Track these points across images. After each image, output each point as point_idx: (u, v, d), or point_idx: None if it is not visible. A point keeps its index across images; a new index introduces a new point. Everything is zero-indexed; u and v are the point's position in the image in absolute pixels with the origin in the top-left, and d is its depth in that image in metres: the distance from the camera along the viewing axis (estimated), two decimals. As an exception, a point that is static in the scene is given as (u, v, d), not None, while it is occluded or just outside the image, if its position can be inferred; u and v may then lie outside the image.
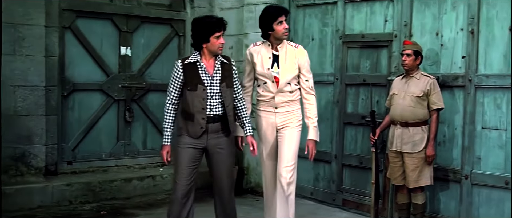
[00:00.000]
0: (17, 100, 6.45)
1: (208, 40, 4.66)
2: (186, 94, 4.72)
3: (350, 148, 6.66)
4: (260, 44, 5.28)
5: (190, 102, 4.70)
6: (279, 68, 5.17)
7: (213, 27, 4.66)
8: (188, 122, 4.74)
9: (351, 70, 6.61)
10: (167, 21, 7.90)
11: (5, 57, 6.30)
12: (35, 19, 6.53)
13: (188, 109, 4.72)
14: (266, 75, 5.17)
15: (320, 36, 6.92)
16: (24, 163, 6.54)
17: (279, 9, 5.23)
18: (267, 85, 5.19)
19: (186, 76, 4.70)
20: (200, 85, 4.69)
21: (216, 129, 4.79)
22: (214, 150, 4.82)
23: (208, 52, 4.74)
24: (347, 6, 6.59)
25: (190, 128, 4.73)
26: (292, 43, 5.34)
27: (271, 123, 5.26)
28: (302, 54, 5.24)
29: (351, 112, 6.62)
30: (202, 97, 4.70)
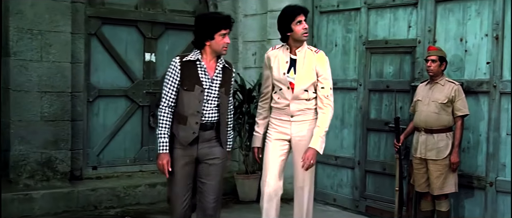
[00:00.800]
0: (43, 106, 6.53)
1: (213, 37, 4.25)
2: (181, 94, 4.27)
3: (373, 154, 6.64)
4: (279, 48, 4.92)
5: (186, 103, 4.26)
6: (295, 73, 4.78)
7: (220, 24, 4.26)
8: (179, 125, 4.29)
9: (375, 76, 6.60)
10: (191, 28, 7.75)
11: (32, 64, 6.43)
12: (61, 26, 6.61)
13: (181, 110, 4.28)
14: (282, 80, 4.78)
15: (343, 42, 6.92)
16: (50, 168, 6.61)
17: (297, 8, 4.80)
18: (283, 91, 4.80)
19: (183, 75, 4.25)
20: (198, 86, 4.26)
21: (208, 137, 4.36)
22: (206, 160, 4.37)
23: (211, 52, 4.31)
24: (371, 12, 6.58)
25: (181, 133, 4.28)
26: (313, 47, 4.95)
27: (285, 133, 4.84)
28: (322, 60, 4.82)
29: (375, 118, 6.61)
30: (198, 100, 4.27)
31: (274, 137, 4.89)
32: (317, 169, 7.20)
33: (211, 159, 4.38)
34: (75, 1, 6.81)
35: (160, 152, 4.27)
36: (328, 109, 4.79)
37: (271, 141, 4.90)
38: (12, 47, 6.34)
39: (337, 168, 7.04)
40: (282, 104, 4.83)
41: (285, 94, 4.79)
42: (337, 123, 6.99)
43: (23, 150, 6.44)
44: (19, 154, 6.42)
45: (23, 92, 6.41)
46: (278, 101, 4.86)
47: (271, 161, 4.87)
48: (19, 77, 6.38)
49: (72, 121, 6.80)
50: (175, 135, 4.30)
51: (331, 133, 7.03)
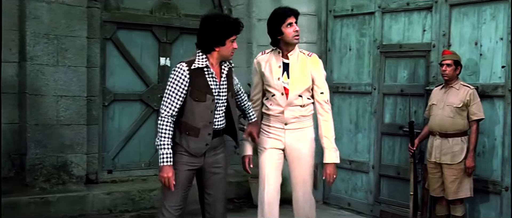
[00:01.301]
0: (59, 110, 6.59)
1: (224, 43, 4.00)
2: (191, 106, 3.99)
3: (387, 158, 6.63)
4: (269, 52, 4.66)
5: (197, 114, 3.99)
6: (289, 78, 4.52)
7: (232, 29, 4.01)
8: (189, 137, 4.01)
9: (389, 80, 6.59)
10: (205, 32, 7.96)
11: (48, 68, 6.49)
12: (77, 31, 6.67)
13: (192, 122, 4.00)
14: (276, 86, 4.51)
15: (357, 46, 6.92)
16: (66, 171, 6.66)
17: (288, 10, 4.53)
18: (276, 97, 4.52)
19: (192, 84, 3.97)
20: (209, 95, 4.02)
21: (215, 145, 4.15)
22: (210, 169, 4.16)
23: (218, 57, 4.07)
24: (385, 16, 6.57)
25: (193, 145, 4.01)
26: (305, 51, 4.68)
27: (279, 142, 4.58)
28: (316, 63, 4.58)
29: (389, 122, 6.59)
30: (210, 110, 4.03)
31: (268, 146, 4.60)
32: (332, 173, 7.20)
33: (216, 168, 4.17)
34: (91, 6, 6.87)
35: (163, 164, 3.94)
36: (330, 115, 4.61)
37: (266, 150, 4.61)
38: (28, 52, 6.40)
39: (351, 172, 7.03)
40: (275, 111, 4.57)
41: (278, 100, 4.53)
42: (352, 127, 6.99)
43: (39, 153, 6.50)
44: (35, 157, 6.48)
45: (40, 97, 6.47)
46: (271, 108, 4.60)
47: (269, 172, 4.59)
48: (35, 82, 6.44)
49: (87, 125, 6.85)
50: (177, 143, 4.04)
51: (346, 137, 7.04)
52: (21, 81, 6.52)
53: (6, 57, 6.45)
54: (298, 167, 4.63)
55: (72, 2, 6.63)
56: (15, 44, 6.51)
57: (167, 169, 3.94)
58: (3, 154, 6.47)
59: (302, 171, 4.64)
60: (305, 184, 4.67)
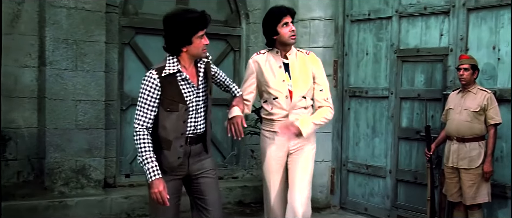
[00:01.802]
0: (78, 114, 6.65)
1: (190, 41, 3.63)
2: (162, 116, 3.65)
3: (404, 163, 6.60)
4: (266, 52, 4.43)
5: (168, 126, 3.66)
6: (290, 79, 4.32)
7: (196, 25, 3.61)
8: (164, 151, 3.68)
9: (406, 84, 6.56)
10: (222, 37, 8.01)
11: (67, 73, 6.56)
12: (96, 36, 6.73)
13: (163, 133, 3.67)
14: (280, 88, 4.29)
15: (374, 51, 6.91)
16: (84, 175, 6.72)
17: (284, 9, 4.34)
18: (279, 100, 4.29)
19: (164, 93, 3.63)
20: (182, 104, 3.68)
21: (198, 151, 3.84)
22: (198, 176, 3.84)
23: (189, 57, 3.71)
24: (402, 20, 6.56)
25: (164, 159, 3.68)
26: (301, 49, 4.55)
27: (282, 147, 4.36)
28: (316, 61, 4.44)
29: (406, 127, 6.57)
30: (183, 120, 3.70)
31: (272, 154, 4.39)
32: (349, 177, 7.20)
33: (204, 173, 3.86)
34: (109, 12, 6.94)
35: (152, 178, 3.57)
36: (327, 109, 4.39)
37: (271, 159, 4.40)
38: (48, 56, 6.47)
39: (368, 177, 7.01)
40: (278, 116, 4.34)
41: (282, 104, 4.31)
42: (369, 131, 6.98)
43: (58, 157, 6.56)
44: (54, 161, 6.54)
45: (59, 101, 6.54)
46: (273, 112, 4.36)
47: (274, 183, 4.40)
48: (54, 86, 6.51)
49: (105, 129, 6.90)
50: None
51: (363, 141, 7.03)
52: (40, 86, 6.59)
53: (26, 62, 6.54)
54: (298, 173, 4.36)
55: (91, 8, 6.69)
56: (35, 49, 6.58)
57: (157, 183, 3.58)
58: (23, 157, 6.56)
59: (301, 177, 4.36)
60: (303, 191, 4.35)
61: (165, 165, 3.69)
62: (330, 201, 7.38)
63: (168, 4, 7.52)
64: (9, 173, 6.50)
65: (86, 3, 6.66)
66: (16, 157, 6.54)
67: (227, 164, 8.09)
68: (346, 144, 7.25)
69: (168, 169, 3.71)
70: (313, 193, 7.13)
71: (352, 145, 7.20)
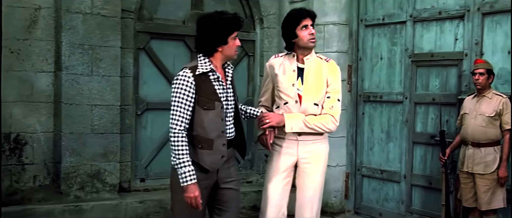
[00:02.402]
0: (94, 119, 6.69)
1: (226, 41, 3.67)
2: (200, 115, 3.65)
3: (419, 168, 6.58)
4: (283, 56, 4.35)
5: (208, 124, 3.65)
6: (302, 84, 4.20)
7: (233, 25, 3.69)
8: (203, 151, 3.68)
9: (420, 89, 6.55)
10: (238, 42, 8.03)
11: (82, 77, 6.60)
12: (111, 41, 6.77)
13: (203, 133, 3.66)
14: (289, 92, 4.19)
15: (389, 56, 6.90)
16: (99, 180, 6.76)
17: (304, 11, 4.24)
18: (289, 105, 4.19)
19: (199, 91, 3.64)
20: (218, 102, 3.69)
21: (227, 157, 3.81)
22: (224, 184, 3.84)
23: (222, 58, 3.75)
24: (417, 25, 6.55)
25: (208, 159, 3.68)
26: (322, 56, 4.40)
27: (291, 154, 4.23)
28: (334, 70, 4.31)
29: (421, 131, 6.55)
30: (221, 118, 3.70)
31: (281, 162, 4.25)
32: (363, 182, 7.19)
33: (229, 182, 3.86)
34: (124, 17, 6.98)
35: (188, 183, 3.59)
36: (329, 117, 4.21)
37: (278, 166, 4.26)
38: (64, 61, 6.52)
39: (383, 182, 6.99)
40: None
41: (292, 109, 4.19)
42: (383, 136, 6.96)
43: (74, 161, 6.60)
44: (69, 165, 6.58)
45: (74, 106, 6.58)
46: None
47: (274, 194, 4.26)
48: (70, 91, 6.56)
49: (121, 133, 6.94)
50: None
51: (377, 146, 7.02)
52: (56, 91, 6.64)
53: (42, 67, 6.59)
54: (307, 185, 4.26)
55: (106, 13, 6.74)
56: (51, 55, 6.63)
57: (193, 188, 3.61)
58: (39, 162, 6.62)
59: (311, 190, 4.26)
60: (313, 207, 4.25)
61: (208, 164, 3.69)
62: (345, 206, 7.37)
63: (183, 10, 7.60)
64: (26, 177, 6.55)
65: (102, 9, 6.71)
66: (33, 161, 6.59)
67: (242, 168, 8.10)
68: (360, 149, 7.24)
69: (211, 168, 3.71)
70: (327, 198, 7.23)
71: (366, 149, 7.18)
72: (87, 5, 6.62)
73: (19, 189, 6.49)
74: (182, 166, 3.59)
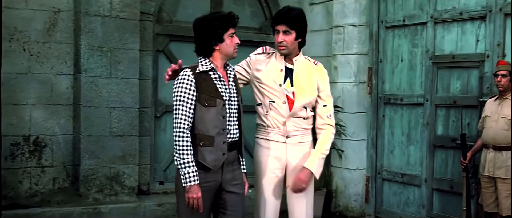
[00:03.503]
0: (112, 122, 6.71)
1: (222, 39, 3.66)
2: (201, 113, 3.62)
3: (440, 172, 6.45)
4: (271, 53, 4.14)
5: (209, 121, 3.62)
6: (293, 85, 4.03)
7: (227, 22, 3.67)
8: (204, 149, 3.63)
9: (441, 91, 6.42)
10: (256, 44, 7.92)
11: (101, 80, 6.63)
12: (130, 43, 6.79)
13: (204, 130, 3.62)
14: (275, 92, 4.00)
15: (409, 57, 6.78)
16: (118, 182, 6.77)
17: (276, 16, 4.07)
18: (276, 105, 3.99)
19: (200, 89, 3.61)
20: (219, 100, 3.65)
21: (232, 159, 3.78)
22: (229, 187, 3.76)
23: (221, 57, 3.73)
24: (437, 26, 6.43)
25: (209, 156, 3.63)
26: (310, 58, 4.22)
27: (278, 157, 4.05)
28: (323, 73, 4.17)
29: (441, 134, 6.42)
30: (222, 115, 3.66)
31: (269, 165, 4.05)
32: (384, 186, 7.09)
33: (235, 186, 3.79)
34: (143, 20, 7.00)
35: (191, 183, 3.54)
36: (330, 129, 4.11)
37: (266, 170, 4.06)
38: (82, 64, 6.56)
39: (403, 186, 6.88)
40: (274, 123, 4.04)
41: (279, 109, 4.00)
42: (404, 138, 6.85)
43: (93, 164, 6.63)
44: (88, 168, 6.61)
45: (93, 108, 6.61)
46: (269, 117, 4.05)
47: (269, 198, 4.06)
48: (89, 93, 6.59)
49: (139, 136, 6.95)
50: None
51: (397, 149, 6.92)
52: (75, 93, 6.67)
53: (62, 70, 6.63)
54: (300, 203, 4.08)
55: (125, 16, 6.76)
56: (70, 57, 6.67)
57: (196, 188, 3.55)
58: (59, 164, 6.65)
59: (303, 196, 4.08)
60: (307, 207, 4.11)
61: (210, 161, 3.64)
62: (365, 210, 7.27)
63: (202, 12, 7.51)
64: (45, 179, 6.59)
65: (121, 12, 6.73)
66: (52, 164, 6.63)
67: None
68: (380, 152, 7.14)
69: (212, 166, 3.65)
70: (347, 202, 7.15)
71: (386, 153, 7.08)
72: (106, 8, 6.65)
73: (39, 191, 6.54)
74: (185, 166, 3.55)
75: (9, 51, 6.36)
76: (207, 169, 3.66)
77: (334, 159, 7.40)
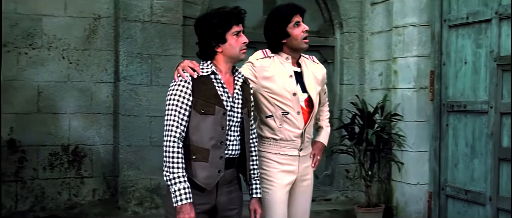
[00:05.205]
0: (152, 131, 6.44)
1: (224, 39, 3.15)
2: (196, 121, 3.10)
3: (506, 189, 5.60)
4: (272, 56, 3.62)
5: (204, 131, 3.09)
6: (306, 91, 3.59)
7: (229, 19, 3.14)
8: (197, 164, 3.10)
9: (507, 97, 5.58)
10: (314, 48, 7.47)
11: (141, 88, 6.42)
12: (172, 49, 6.53)
13: (198, 141, 3.10)
14: (290, 102, 3.53)
15: (473, 59, 5.99)
16: (159, 194, 6.48)
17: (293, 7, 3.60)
18: (290, 117, 3.54)
19: (197, 93, 3.10)
20: (219, 107, 3.13)
21: (229, 178, 3.24)
22: (224, 212, 3.25)
23: (226, 60, 3.22)
24: (503, 23, 5.60)
25: (201, 173, 3.09)
26: (306, 55, 3.77)
27: (291, 171, 3.60)
28: (324, 73, 3.80)
29: (507, 146, 5.57)
30: (221, 125, 3.14)
31: (284, 183, 3.59)
32: (447, 203, 6.34)
33: (231, 211, 3.28)
34: (188, 24, 6.68)
35: (183, 202, 3.02)
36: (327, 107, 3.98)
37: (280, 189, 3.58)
38: (121, 71, 6.37)
39: (467, 204, 6.08)
40: (289, 135, 3.57)
41: (295, 121, 3.55)
42: (468, 151, 6.05)
43: (132, 175, 6.40)
44: (127, 179, 6.39)
45: (132, 117, 6.39)
46: (283, 130, 3.56)
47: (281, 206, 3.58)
48: (128, 102, 6.38)
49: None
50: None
51: (461, 162, 6.14)
52: (115, 102, 6.47)
53: (102, 78, 6.48)
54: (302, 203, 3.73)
55: (167, 21, 6.52)
56: (110, 65, 6.50)
57: (188, 208, 3.04)
58: (98, 175, 6.47)
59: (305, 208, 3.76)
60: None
61: (201, 179, 3.09)
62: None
63: (253, 16, 7.17)
64: (85, 191, 6.43)
65: (162, 16, 6.49)
66: (92, 175, 6.47)
67: (320, 184, 7.51)
68: (444, 165, 6.37)
69: (205, 184, 3.10)
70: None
71: (450, 166, 6.30)
72: (146, 13, 6.43)
73: (78, 203, 6.40)
74: (176, 181, 3.02)
75: (48, 59, 6.29)
76: (200, 188, 3.12)
77: (394, 172, 6.73)
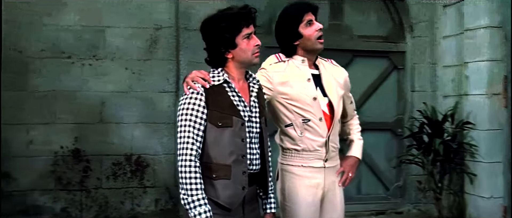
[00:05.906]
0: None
1: (234, 44, 2.84)
2: (213, 135, 2.80)
3: None
4: (286, 61, 3.34)
5: (223, 146, 2.79)
6: (327, 96, 3.30)
7: (237, 21, 2.82)
8: (218, 182, 2.78)
9: None
10: (383, 54, 7.24)
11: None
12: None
13: (218, 158, 2.79)
14: (310, 108, 3.25)
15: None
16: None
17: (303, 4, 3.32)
18: (312, 124, 3.25)
19: (212, 105, 2.80)
20: (237, 118, 2.84)
21: (252, 195, 2.95)
22: None
23: (238, 66, 2.91)
24: None
25: (224, 192, 2.78)
26: (323, 58, 3.48)
27: (317, 185, 3.30)
28: (346, 76, 3.51)
29: None
30: (241, 138, 2.85)
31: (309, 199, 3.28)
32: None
33: None
34: (255, 32, 6.59)
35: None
36: (357, 119, 3.70)
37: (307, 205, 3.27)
38: (181, 81, 6.30)
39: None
40: (312, 145, 3.27)
41: (317, 129, 3.25)
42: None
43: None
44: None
45: (193, 127, 6.33)
46: (305, 140, 3.27)
47: None
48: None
49: (243, 155, 6.55)
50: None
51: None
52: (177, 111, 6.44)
53: (164, 87, 6.51)
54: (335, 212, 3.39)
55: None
56: (172, 74, 6.51)
57: None
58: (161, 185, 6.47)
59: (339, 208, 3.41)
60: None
61: (224, 198, 2.78)
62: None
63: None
64: (147, 201, 6.45)
65: (224, 23, 6.40)
66: (154, 184, 6.48)
67: (391, 196, 7.21)
68: (520, 177, 5.94)
69: (229, 204, 2.79)
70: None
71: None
72: (207, 22, 6.36)
73: (140, 213, 6.42)
74: (196, 205, 2.70)
75: (111, 70, 6.36)
76: (224, 208, 2.81)
77: (466, 184, 6.33)
